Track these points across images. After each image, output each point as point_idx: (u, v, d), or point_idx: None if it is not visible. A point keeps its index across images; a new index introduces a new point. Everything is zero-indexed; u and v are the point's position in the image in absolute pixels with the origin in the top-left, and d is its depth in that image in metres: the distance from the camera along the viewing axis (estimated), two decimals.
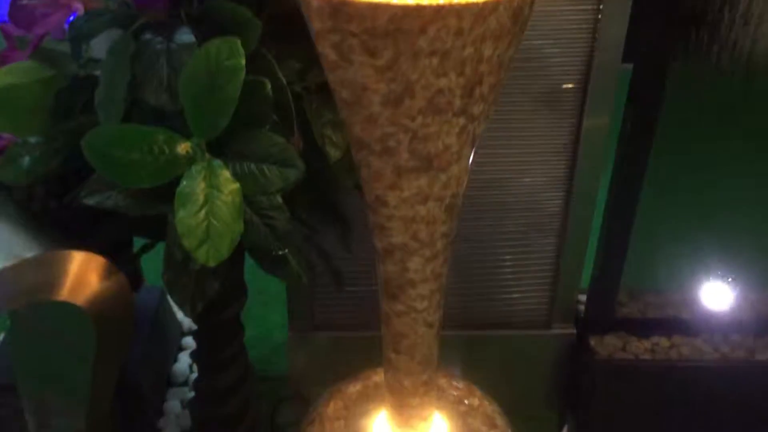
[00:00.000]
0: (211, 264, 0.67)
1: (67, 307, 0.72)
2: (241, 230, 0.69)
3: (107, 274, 0.75)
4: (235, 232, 0.68)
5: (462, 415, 0.87)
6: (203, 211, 0.68)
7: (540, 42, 1.00)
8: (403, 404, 0.80)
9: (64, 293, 0.72)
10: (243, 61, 0.66)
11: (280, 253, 0.78)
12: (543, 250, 1.16)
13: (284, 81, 0.76)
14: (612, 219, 1.13)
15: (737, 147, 1.18)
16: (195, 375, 1.27)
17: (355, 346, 1.17)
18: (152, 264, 1.15)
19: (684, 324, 1.19)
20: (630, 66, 1.04)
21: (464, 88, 0.58)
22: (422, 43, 0.54)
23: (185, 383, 1.31)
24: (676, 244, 1.22)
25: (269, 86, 0.71)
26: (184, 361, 1.34)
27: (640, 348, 1.16)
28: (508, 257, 1.17)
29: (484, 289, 1.19)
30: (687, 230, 1.22)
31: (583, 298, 1.23)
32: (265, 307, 1.53)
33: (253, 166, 0.71)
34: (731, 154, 1.18)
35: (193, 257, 0.68)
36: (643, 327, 1.20)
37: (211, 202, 0.68)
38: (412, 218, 0.66)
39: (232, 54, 0.66)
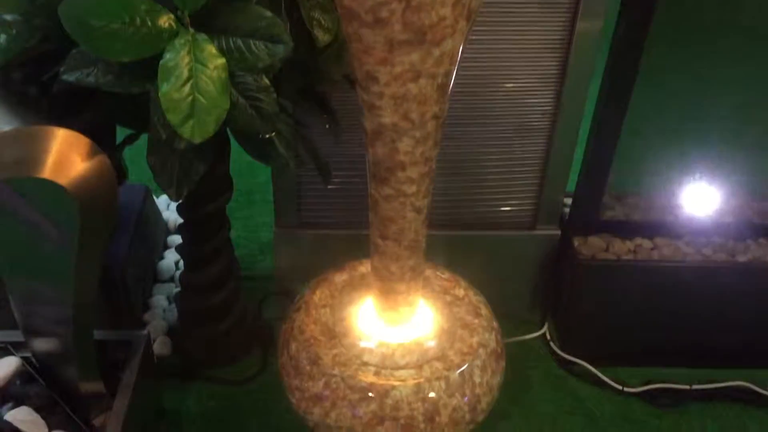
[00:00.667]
0: (197, 140, 0.66)
1: (50, 186, 0.70)
2: (227, 107, 0.67)
3: (91, 153, 0.73)
4: (221, 108, 0.66)
5: (447, 304, 0.88)
6: (188, 86, 0.66)
7: None
8: (389, 290, 0.80)
9: (46, 171, 0.70)
10: None
11: (267, 137, 0.77)
12: (531, 151, 1.15)
13: None
14: (601, 121, 1.12)
15: (729, 50, 1.16)
16: (181, 271, 1.27)
17: (341, 244, 1.18)
18: (136, 163, 1.14)
19: (667, 226, 1.20)
20: None
21: None
22: None
23: (171, 280, 1.32)
24: (662, 148, 1.22)
25: None
26: (170, 258, 1.34)
27: (622, 249, 1.18)
28: (495, 158, 1.16)
29: (471, 190, 1.18)
30: (674, 135, 1.22)
31: (568, 201, 1.24)
32: (251, 208, 1.52)
33: (239, 41, 0.69)
34: (723, 57, 1.17)
35: (178, 134, 0.67)
36: (627, 229, 1.21)
37: (196, 76, 0.66)
38: (403, 96, 0.65)
39: None
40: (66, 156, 0.72)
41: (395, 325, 0.84)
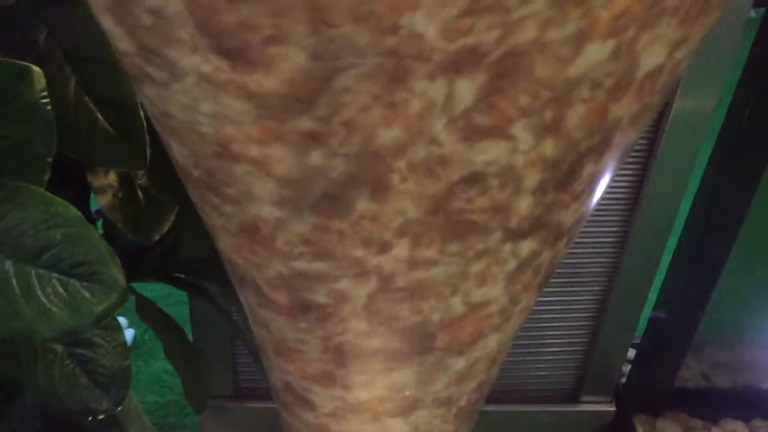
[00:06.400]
0: None
1: None
2: None
3: None
4: None
5: None
6: None
7: None
8: None
9: None
10: None
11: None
12: (583, 297, 0.78)
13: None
14: (690, 254, 0.75)
15: None
16: None
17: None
18: None
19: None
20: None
21: (550, 167, 0.18)
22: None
23: None
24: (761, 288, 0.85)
25: (43, 79, 0.30)
26: None
27: None
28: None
29: None
30: None
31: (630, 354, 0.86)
32: None
33: (12, 271, 0.30)
34: None
35: None
36: (711, 402, 0.84)
37: None
38: None
39: None
40: None
41: None
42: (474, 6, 0.13)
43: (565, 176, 0.19)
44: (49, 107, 0.29)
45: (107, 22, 0.17)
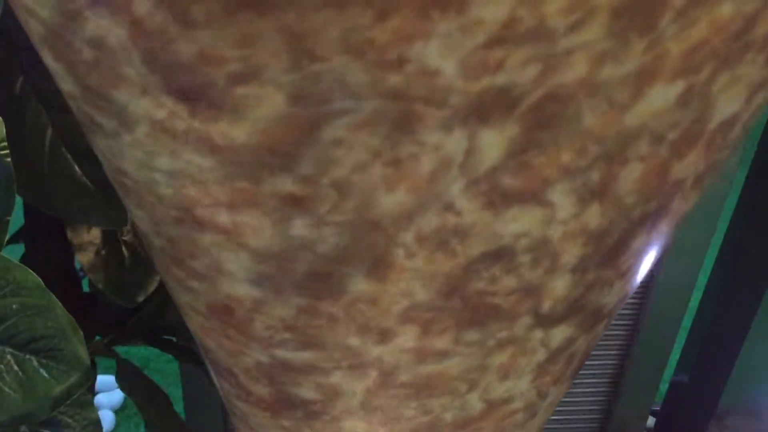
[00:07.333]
0: None
1: None
2: None
3: None
4: None
5: None
6: None
7: None
8: None
9: None
10: None
11: None
12: (599, 362, 0.74)
13: None
14: (713, 316, 0.71)
15: None
16: None
17: None
18: None
19: None
20: None
21: (594, 240, 0.15)
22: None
23: None
24: None
25: (2, 127, 0.27)
26: None
27: None
28: None
29: None
30: None
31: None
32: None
33: None
34: None
35: None
36: None
37: None
38: None
39: None
40: None
41: None
42: (506, 32, 0.10)
43: (612, 251, 0.15)
44: (8, 159, 0.26)
45: (47, 58, 0.14)
